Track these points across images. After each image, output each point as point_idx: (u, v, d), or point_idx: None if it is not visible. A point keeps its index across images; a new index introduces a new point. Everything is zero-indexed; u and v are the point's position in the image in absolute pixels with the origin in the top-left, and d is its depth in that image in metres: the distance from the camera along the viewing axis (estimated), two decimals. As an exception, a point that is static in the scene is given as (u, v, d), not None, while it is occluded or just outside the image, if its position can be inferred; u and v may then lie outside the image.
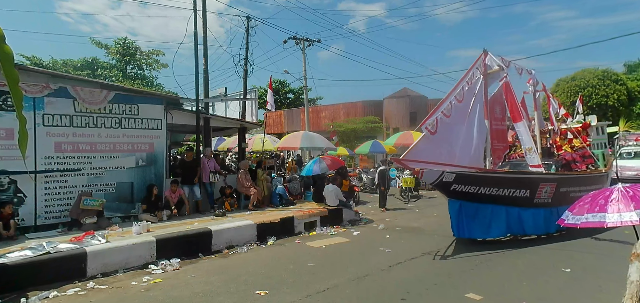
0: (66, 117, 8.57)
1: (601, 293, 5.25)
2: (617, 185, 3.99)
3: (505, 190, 7.84)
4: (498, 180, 7.96)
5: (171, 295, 5.47)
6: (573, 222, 4.10)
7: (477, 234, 7.95)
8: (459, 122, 8.31)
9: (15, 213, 7.78)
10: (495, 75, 9.11)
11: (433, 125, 7.70)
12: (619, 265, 4.99)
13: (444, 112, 7.96)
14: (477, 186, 7.60)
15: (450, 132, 8.06)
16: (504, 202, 7.90)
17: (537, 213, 8.30)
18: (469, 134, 8.54)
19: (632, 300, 2.97)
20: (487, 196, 7.73)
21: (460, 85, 8.50)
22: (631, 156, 18.86)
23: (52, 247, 6.26)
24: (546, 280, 5.77)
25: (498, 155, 9.55)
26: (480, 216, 7.86)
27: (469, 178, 7.59)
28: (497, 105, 9.42)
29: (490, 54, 9.00)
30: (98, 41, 32.99)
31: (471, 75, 8.77)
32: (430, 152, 7.53)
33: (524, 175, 8.47)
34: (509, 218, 8.03)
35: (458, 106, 8.25)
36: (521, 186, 8.03)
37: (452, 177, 7.33)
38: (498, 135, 9.48)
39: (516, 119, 8.70)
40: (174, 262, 6.86)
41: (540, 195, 8.27)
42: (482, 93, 8.98)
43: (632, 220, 3.60)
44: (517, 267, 6.50)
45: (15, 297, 5.35)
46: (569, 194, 8.73)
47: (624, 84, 32.24)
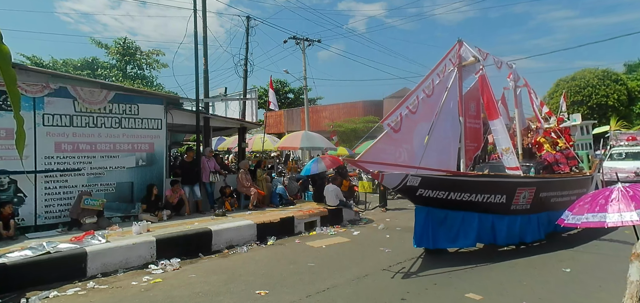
0: (66, 117, 8.57)
1: (601, 293, 5.25)
2: (616, 184, 3.99)
3: (478, 196, 6.98)
4: (470, 184, 7.01)
5: (171, 295, 5.46)
6: (573, 222, 4.10)
7: (442, 244, 7.09)
8: (426, 119, 7.53)
9: (15, 213, 7.78)
10: (470, 68, 8.28)
11: (396, 122, 6.95)
12: (619, 265, 5.00)
13: (409, 107, 7.17)
14: (446, 191, 6.75)
15: (417, 129, 7.34)
16: (477, 209, 7.09)
17: (512, 222, 7.51)
18: (439, 132, 7.75)
19: (632, 300, 2.97)
20: (459, 202, 6.90)
21: (430, 77, 7.67)
22: (622, 157, 17.85)
23: (52, 247, 6.26)
24: (546, 280, 5.77)
25: (469, 156, 8.78)
26: (448, 224, 7.04)
27: (437, 182, 6.69)
28: (472, 101, 8.66)
29: (466, 44, 8.18)
30: (98, 41, 33.01)
31: (443, 66, 7.89)
32: (393, 152, 6.90)
33: (499, 179, 7.50)
34: (480, 226, 7.19)
35: (427, 101, 7.47)
36: (497, 191, 7.19)
37: (418, 180, 6.42)
38: (471, 135, 8.70)
39: (492, 115, 7.81)
40: (174, 262, 6.86)
41: (518, 201, 7.47)
42: (456, 87, 8.16)
43: (633, 220, 3.60)
44: (517, 267, 6.50)
45: (15, 297, 5.35)
46: (550, 199, 8.11)
47: (624, 83, 32.21)
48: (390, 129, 6.88)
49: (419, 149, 7.39)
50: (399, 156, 7.00)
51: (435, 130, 7.66)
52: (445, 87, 7.88)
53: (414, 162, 7.07)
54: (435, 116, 7.70)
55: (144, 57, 34.42)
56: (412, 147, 7.33)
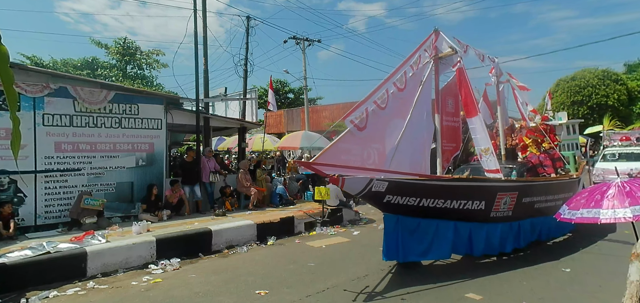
0: (66, 117, 8.57)
1: (601, 293, 5.25)
2: (616, 179, 3.97)
3: (454, 202, 6.25)
4: (445, 189, 6.23)
5: (171, 295, 5.46)
6: (568, 217, 4.10)
7: (414, 256, 6.31)
8: (397, 115, 6.76)
9: (15, 213, 7.78)
10: (448, 60, 7.52)
11: (361, 118, 6.13)
12: (619, 265, 4.99)
13: (377, 101, 6.38)
14: (418, 197, 5.97)
15: (385, 127, 6.60)
16: (454, 216, 6.38)
17: (492, 230, 6.82)
18: (413, 130, 7.01)
19: (632, 300, 2.96)
20: (432, 209, 6.16)
21: (402, 69, 6.88)
22: (615, 158, 16.79)
23: (52, 246, 6.27)
24: (546, 280, 5.77)
25: (446, 157, 8.06)
26: (420, 234, 6.32)
27: (406, 188, 5.87)
28: (450, 97, 7.94)
29: (443, 34, 7.41)
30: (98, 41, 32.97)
31: (417, 58, 7.10)
32: (359, 152, 6.17)
33: (478, 183, 6.72)
34: (456, 236, 6.49)
35: (398, 95, 6.70)
36: (475, 196, 6.44)
37: (384, 185, 5.58)
38: (449, 134, 8.03)
39: (471, 113, 6.95)
40: (174, 262, 6.86)
41: (499, 207, 6.75)
42: (431, 80, 7.45)
43: (626, 217, 3.57)
44: (517, 267, 6.49)
45: (15, 297, 5.36)
46: (534, 205, 7.50)
47: (624, 83, 32.21)
48: (353, 126, 6.05)
49: (391, 149, 6.68)
50: (367, 157, 6.29)
51: (409, 129, 6.92)
52: (419, 80, 7.13)
53: (386, 164, 6.46)
54: (409, 112, 6.95)
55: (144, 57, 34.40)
56: (384, 147, 6.58)
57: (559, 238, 7.94)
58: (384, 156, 6.58)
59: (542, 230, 7.82)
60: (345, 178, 5.28)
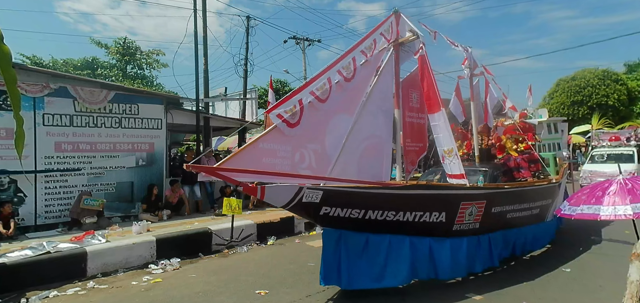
0: (66, 117, 8.57)
1: (601, 292, 5.25)
2: (618, 177, 3.96)
3: (408, 214, 5.23)
4: (395, 198, 5.17)
5: (171, 295, 5.47)
6: (569, 213, 4.10)
7: (363, 281, 5.16)
8: (343, 110, 5.78)
9: (15, 212, 7.79)
10: (410, 47, 6.53)
11: (293, 112, 5.08)
12: (619, 265, 4.99)
13: (315, 93, 5.30)
14: (362, 208, 4.97)
15: (326, 124, 5.57)
16: (408, 231, 5.35)
17: (457, 246, 5.77)
18: (363, 128, 6.13)
19: (632, 300, 2.97)
20: (382, 223, 5.15)
21: (351, 55, 5.79)
22: (603, 159, 15.87)
23: (52, 246, 6.26)
24: (546, 280, 5.77)
25: (412, 159, 7.24)
26: (370, 253, 5.19)
27: (347, 197, 4.87)
28: (414, 90, 6.94)
29: (405, 17, 6.40)
30: (98, 41, 32.95)
31: (371, 43, 6.01)
32: (285, 154, 5.07)
33: (436, 192, 5.68)
34: (415, 255, 5.41)
35: (345, 86, 5.68)
36: (433, 206, 5.41)
37: (318, 195, 4.62)
38: (414, 132, 7.13)
39: (433, 107, 5.94)
40: (174, 262, 6.86)
41: (463, 219, 5.74)
42: (391, 70, 6.50)
43: (627, 214, 3.57)
44: (517, 267, 6.50)
45: (15, 297, 5.36)
46: (506, 215, 6.51)
47: (624, 83, 32.27)
48: (282, 122, 4.97)
49: (334, 150, 5.70)
50: (299, 160, 5.23)
51: (360, 127, 6.05)
52: (374, 69, 6.20)
53: (325, 169, 5.52)
54: (359, 107, 6.07)
55: (144, 57, 34.38)
56: (324, 148, 5.55)
57: (537, 251, 7.20)
58: (325, 159, 5.53)
59: (516, 244, 6.84)
60: (266, 187, 4.31)
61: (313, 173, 5.20)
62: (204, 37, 11.82)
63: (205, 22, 11.86)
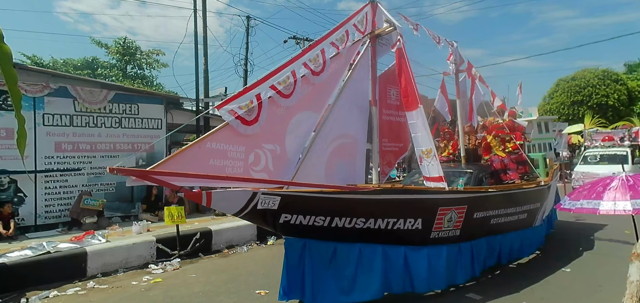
0: (66, 117, 8.58)
1: (601, 292, 5.25)
2: (620, 174, 3.97)
3: (380, 220, 4.78)
4: (365, 204, 4.71)
5: (171, 294, 5.47)
6: (568, 207, 4.12)
7: (331, 295, 4.68)
8: (309, 106, 5.26)
9: (16, 212, 7.79)
10: (388, 39, 6.11)
11: (249, 108, 4.57)
12: (619, 265, 5.00)
13: (277, 87, 4.80)
14: (327, 215, 4.52)
15: (288, 122, 5.05)
16: (381, 239, 4.89)
17: (436, 256, 5.25)
18: (333, 127, 5.66)
19: (632, 300, 2.97)
20: (351, 231, 4.69)
21: (320, 46, 5.29)
22: (596, 160, 15.15)
23: (52, 246, 6.27)
24: (546, 280, 5.77)
25: (389, 160, 6.82)
26: (338, 264, 4.72)
27: (309, 203, 4.42)
28: (392, 86, 6.55)
29: (381, 7, 6.02)
30: (98, 41, 32.95)
31: (342, 34, 5.53)
32: (237, 156, 4.52)
33: (410, 196, 5.16)
34: (388, 265, 4.93)
35: (312, 80, 5.16)
36: (408, 213, 4.96)
37: (276, 201, 4.19)
38: (391, 131, 6.71)
39: (411, 105, 5.51)
40: (174, 262, 6.86)
41: (441, 226, 5.25)
42: (367, 64, 6.10)
43: (626, 210, 3.57)
44: (517, 267, 6.50)
45: (15, 297, 5.36)
46: (489, 221, 6.02)
47: (624, 83, 32.27)
48: (235, 118, 4.46)
49: (296, 151, 5.18)
50: (255, 162, 4.72)
51: (330, 125, 5.61)
52: (346, 63, 5.74)
53: (287, 171, 5.01)
54: (328, 103, 5.59)
55: (144, 56, 34.37)
56: (284, 149, 5.02)
57: (525, 258, 6.80)
58: (283, 161, 5.00)
59: (502, 251, 6.38)
60: (213, 193, 3.86)
61: (269, 177, 4.69)
62: (204, 37, 11.83)
63: (205, 22, 11.87)
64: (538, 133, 13.49)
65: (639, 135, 16.44)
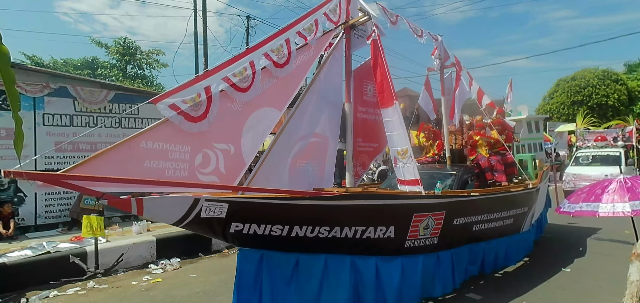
0: (66, 117, 8.58)
1: (601, 292, 5.25)
2: (618, 176, 3.99)
3: (347, 230, 4.35)
4: (329, 211, 4.25)
5: (171, 294, 5.47)
6: (568, 210, 4.14)
7: None
8: (270, 102, 4.73)
9: (16, 212, 7.79)
10: (363, 30, 5.72)
11: (198, 103, 4.02)
12: (619, 265, 5.00)
13: (232, 79, 4.26)
14: (285, 224, 4.08)
15: (244, 119, 4.50)
16: (349, 249, 4.47)
17: (411, 266, 4.82)
18: (300, 125, 5.23)
19: (632, 300, 2.97)
20: (315, 241, 4.25)
21: (284, 35, 4.76)
22: (588, 161, 14.52)
23: (52, 246, 6.27)
24: (546, 280, 5.76)
25: (363, 161, 6.42)
26: (301, 279, 4.30)
27: (263, 210, 3.98)
28: (369, 82, 6.06)
29: None
30: (98, 41, 32.98)
31: (311, 23, 5.03)
32: (179, 156, 3.96)
33: (382, 202, 4.65)
34: (357, 278, 4.50)
35: (274, 73, 4.67)
36: (378, 220, 4.52)
37: (223, 209, 3.71)
38: (367, 130, 6.30)
39: (386, 101, 5.05)
40: (174, 262, 6.86)
41: (417, 234, 4.81)
42: (340, 57, 5.70)
43: (625, 212, 3.59)
44: (517, 267, 6.49)
45: (15, 297, 5.36)
46: (471, 227, 5.59)
47: (624, 83, 32.28)
48: (178, 114, 3.88)
49: (254, 152, 4.65)
50: (203, 164, 4.16)
51: (296, 123, 5.19)
52: (316, 55, 5.28)
53: (238, 175, 4.47)
54: (300, 99, 5.22)
55: (144, 56, 34.38)
56: (239, 148, 4.48)
57: (512, 267, 6.39)
58: (239, 162, 4.49)
59: (486, 259, 5.96)
60: (145, 200, 3.29)
61: (220, 180, 4.23)
62: (204, 37, 11.84)
63: (205, 22, 11.88)
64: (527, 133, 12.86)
65: (632, 135, 15.81)
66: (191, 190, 3.66)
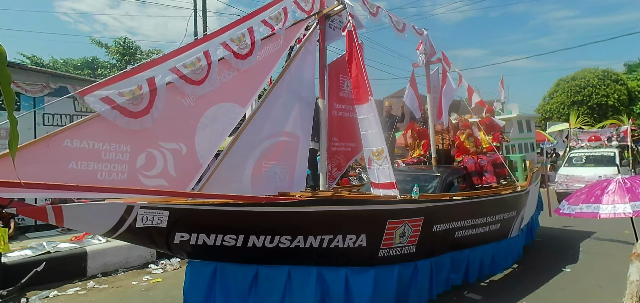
0: (66, 117, 8.58)
1: (601, 292, 5.25)
2: (617, 176, 3.98)
3: (312, 239, 3.97)
4: (289, 218, 3.84)
5: (171, 294, 5.46)
6: (568, 212, 4.12)
7: None
8: (230, 97, 4.30)
9: (16, 212, 7.77)
10: (338, 21, 5.37)
11: (138, 96, 3.56)
12: (619, 265, 5.00)
13: (182, 70, 3.83)
14: (240, 233, 3.72)
15: (199, 115, 4.07)
16: (315, 260, 4.10)
17: (385, 278, 4.42)
18: (267, 123, 4.76)
19: (632, 300, 2.97)
20: (276, 251, 3.88)
21: (247, 24, 4.38)
22: (582, 162, 14.05)
23: (52, 246, 6.27)
24: (546, 280, 5.77)
25: (338, 162, 6.02)
26: (262, 293, 3.93)
27: (212, 218, 3.56)
28: (346, 77, 5.58)
29: None
30: (98, 41, 32.99)
31: (279, 12, 4.68)
32: (117, 157, 3.49)
33: (351, 207, 4.19)
34: (325, 292, 4.13)
35: (235, 65, 4.25)
36: (348, 228, 4.12)
37: (164, 217, 3.31)
38: (342, 129, 5.91)
39: (360, 97, 4.66)
40: (174, 262, 6.86)
41: (392, 242, 4.42)
42: (313, 49, 5.32)
43: (626, 212, 3.58)
44: (517, 267, 6.49)
45: (16, 297, 5.35)
46: (453, 234, 5.18)
47: (624, 83, 32.27)
48: (111, 109, 3.41)
49: (211, 152, 4.23)
50: (147, 165, 3.69)
51: (262, 119, 4.72)
52: (285, 46, 4.91)
53: (196, 177, 4.09)
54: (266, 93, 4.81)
55: (144, 56, 34.36)
56: (193, 148, 4.04)
57: (499, 274, 6.01)
58: (193, 164, 4.05)
59: (470, 267, 5.54)
60: (64, 209, 2.88)
61: (169, 183, 3.78)
62: (204, 37, 11.84)
63: (205, 22, 11.89)
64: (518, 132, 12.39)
65: (627, 135, 15.39)
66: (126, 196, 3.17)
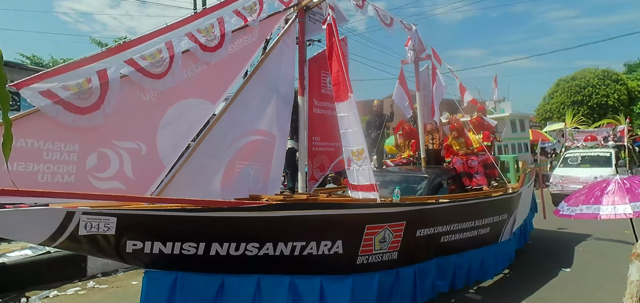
0: (66, 117, 8.55)
1: (601, 292, 5.25)
2: (615, 176, 3.98)
3: (282, 246, 3.67)
4: (255, 224, 3.51)
5: (171, 294, 5.46)
6: (567, 213, 4.11)
7: None
8: (199, 92, 4.06)
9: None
10: (319, 14, 5.19)
11: (85, 90, 3.27)
12: (619, 265, 5.00)
13: (140, 63, 3.55)
14: (201, 241, 3.40)
15: (160, 112, 3.80)
16: (287, 268, 3.80)
17: (364, 286, 4.10)
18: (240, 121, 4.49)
19: (632, 300, 2.97)
20: (242, 260, 3.58)
21: (216, 14, 4.19)
22: (577, 162, 13.71)
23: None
24: (546, 280, 5.76)
25: (321, 162, 5.79)
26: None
27: (167, 224, 3.22)
28: (327, 73, 5.23)
29: None
30: (98, 40, 32.98)
31: (253, 1, 4.48)
32: (62, 157, 3.24)
33: (325, 212, 3.88)
34: (298, 302, 3.82)
35: (203, 58, 4.01)
36: (322, 233, 3.84)
37: (111, 223, 2.98)
38: (325, 128, 5.66)
39: (340, 94, 4.39)
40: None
41: (371, 248, 4.12)
42: (292, 43, 5.11)
43: (626, 213, 3.58)
44: (517, 266, 6.49)
45: (15, 297, 5.36)
46: (438, 239, 4.86)
47: (624, 83, 32.27)
48: (54, 104, 3.13)
49: (175, 152, 3.94)
50: (99, 166, 3.43)
51: (234, 118, 4.43)
52: (261, 39, 4.66)
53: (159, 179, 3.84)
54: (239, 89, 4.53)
55: (144, 56, 34.42)
56: (154, 147, 3.76)
57: (489, 280, 5.71)
58: (154, 164, 3.78)
59: (457, 274, 5.18)
60: None
61: (125, 186, 3.51)
62: (203, 37, 11.80)
63: (205, 22, 11.85)
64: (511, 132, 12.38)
65: (624, 135, 15.12)
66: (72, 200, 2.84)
